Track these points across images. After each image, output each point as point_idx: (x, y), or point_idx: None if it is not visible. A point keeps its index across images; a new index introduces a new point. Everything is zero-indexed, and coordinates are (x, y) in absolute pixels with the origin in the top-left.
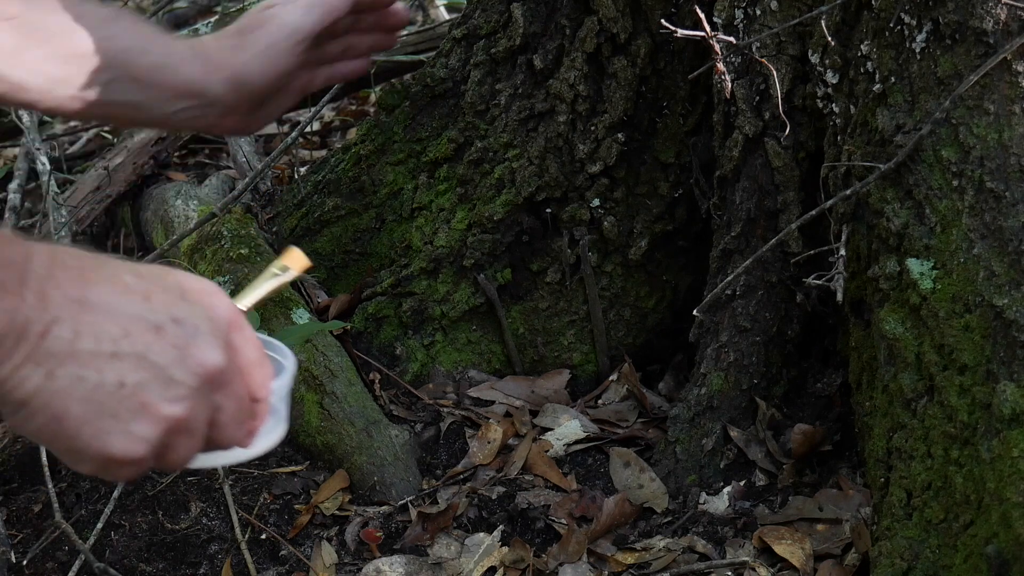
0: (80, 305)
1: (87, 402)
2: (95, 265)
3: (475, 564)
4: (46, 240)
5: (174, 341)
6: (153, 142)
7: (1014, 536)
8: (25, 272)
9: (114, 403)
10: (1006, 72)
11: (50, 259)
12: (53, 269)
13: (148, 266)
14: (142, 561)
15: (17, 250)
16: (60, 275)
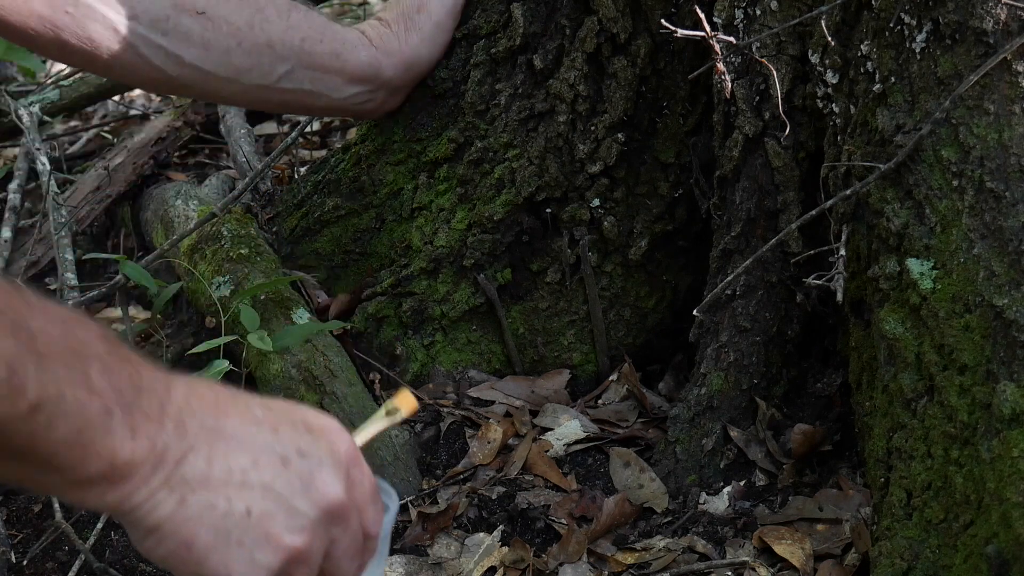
0: (214, 434)
1: (215, 529)
2: (228, 397)
3: (475, 564)
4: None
5: (299, 473)
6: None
7: (1014, 536)
8: (166, 401)
9: (240, 531)
10: (1006, 72)
11: (187, 390)
12: (190, 399)
13: (276, 401)
14: (142, 561)
15: (159, 381)
16: (196, 405)
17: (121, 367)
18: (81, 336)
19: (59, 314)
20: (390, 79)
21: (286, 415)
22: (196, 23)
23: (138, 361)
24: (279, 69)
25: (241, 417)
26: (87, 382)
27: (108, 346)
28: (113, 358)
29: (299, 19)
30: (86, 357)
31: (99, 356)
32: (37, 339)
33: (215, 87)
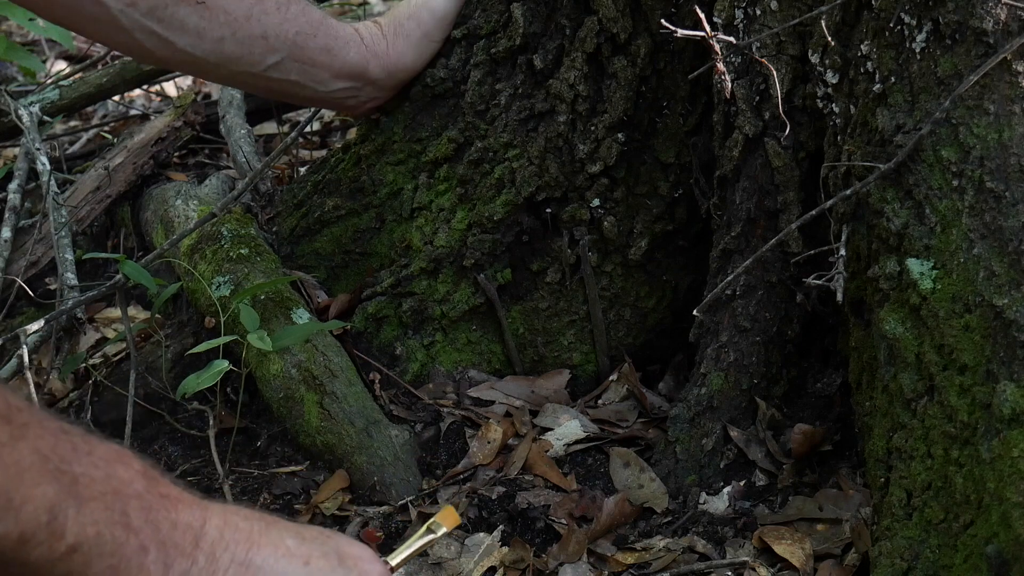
0: (245, 568)
1: None
2: (262, 528)
3: (475, 564)
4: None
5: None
6: (153, 142)
7: (1014, 536)
8: (200, 535)
9: None
10: (1006, 72)
11: (223, 521)
12: (224, 531)
13: (310, 529)
14: None
15: (196, 514)
16: (230, 537)
17: (160, 504)
18: (123, 476)
19: (104, 454)
20: (375, 79)
21: (319, 546)
22: (193, 12)
23: (177, 495)
24: (269, 59)
25: (274, 549)
26: (125, 521)
27: (148, 483)
28: (152, 495)
29: (296, 12)
30: (126, 496)
31: (139, 494)
32: (79, 483)
33: (202, 69)
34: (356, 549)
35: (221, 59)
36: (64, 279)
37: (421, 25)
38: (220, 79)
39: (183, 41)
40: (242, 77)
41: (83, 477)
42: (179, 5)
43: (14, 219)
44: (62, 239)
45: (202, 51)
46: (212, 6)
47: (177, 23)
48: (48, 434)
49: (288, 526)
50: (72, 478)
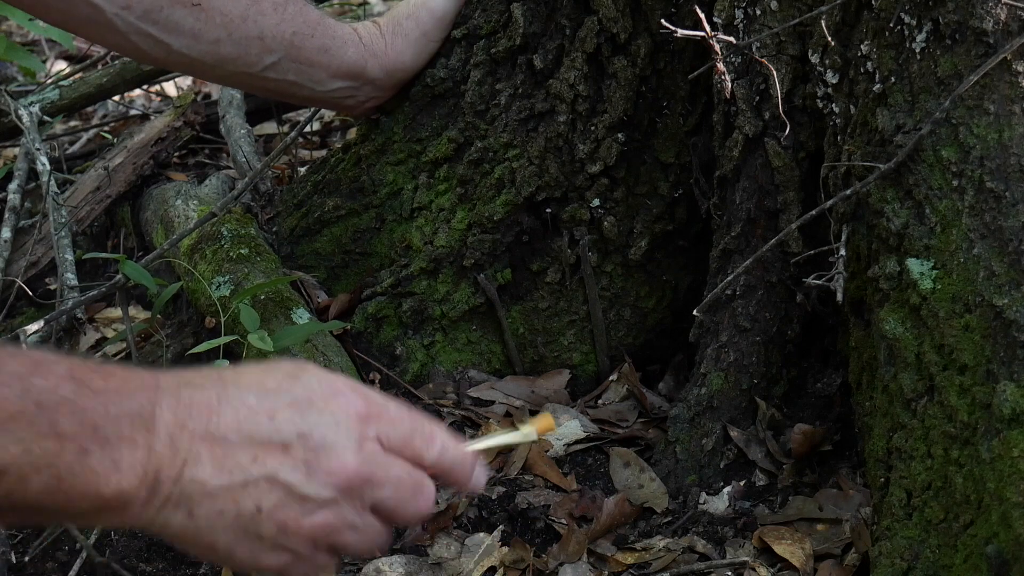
0: (208, 440)
1: (232, 532)
2: (221, 393)
3: (475, 564)
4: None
5: (303, 457)
6: (153, 142)
7: (1014, 536)
8: (151, 420)
9: (255, 527)
10: (1006, 72)
11: (175, 400)
12: (178, 410)
13: (275, 373)
14: (142, 561)
15: (143, 401)
16: (185, 415)
17: (95, 402)
18: (43, 385)
19: (16, 369)
20: (374, 79)
21: (285, 394)
22: (189, 14)
23: (117, 386)
24: (266, 60)
25: (235, 411)
26: (55, 430)
27: (76, 385)
28: (84, 395)
29: (294, 13)
30: (52, 406)
31: (66, 399)
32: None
33: (198, 69)
34: (327, 385)
35: (217, 60)
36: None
37: (420, 25)
38: (217, 79)
39: (179, 43)
40: (239, 77)
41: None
42: (175, 8)
43: (14, 219)
44: (62, 239)
45: (198, 52)
46: (208, 8)
47: (173, 25)
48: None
49: (250, 380)
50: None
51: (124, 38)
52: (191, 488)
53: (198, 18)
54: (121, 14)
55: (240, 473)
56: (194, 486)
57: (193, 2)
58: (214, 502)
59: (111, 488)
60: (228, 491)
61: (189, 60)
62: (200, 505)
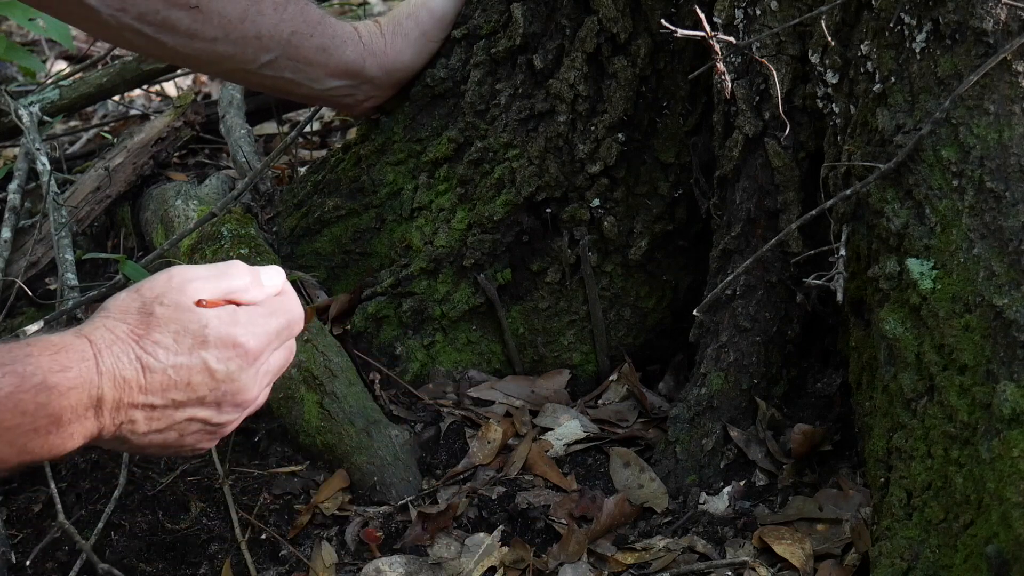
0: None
1: (159, 446)
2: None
3: (475, 564)
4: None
5: (216, 400)
6: (153, 142)
7: (1014, 536)
8: (100, 403)
9: (180, 444)
10: (1006, 72)
11: (112, 381)
12: (116, 388)
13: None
14: (142, 561)
15: (88, 397)
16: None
17: (56, 402)
18: (19, 401)
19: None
20: (372, 78)
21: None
22: (186, 16)
23: (65, 388)
24: (262, 58)
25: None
26: (33, 426)
27: (43, 391)
28: (49, 398)
29: (294, 12)
30: (21, 408)
31: (43, 403)
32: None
33: (194, 65)
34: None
35: (214, 58)
36: (64, 279)
37: (419, 24)
38: (213, 74)
39: (175, 41)
40: (235, 74)
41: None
42: (172, 10)
43: (14, 219)
44: (62, 239)
45: (194, 51)
46: (206, 9)
47: (170, 26)
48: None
49: (166, 345)
50: None
51: (119, 35)
52: (127, 432)
53: (195, 19)
54: (116, 15)
55: (166, 420)
56: (130, 431)
57: (191, 4)
58: (144, 437)
59: (66, 450)
60: (156, 431)
61: (184, 56)
62: (133, 439)
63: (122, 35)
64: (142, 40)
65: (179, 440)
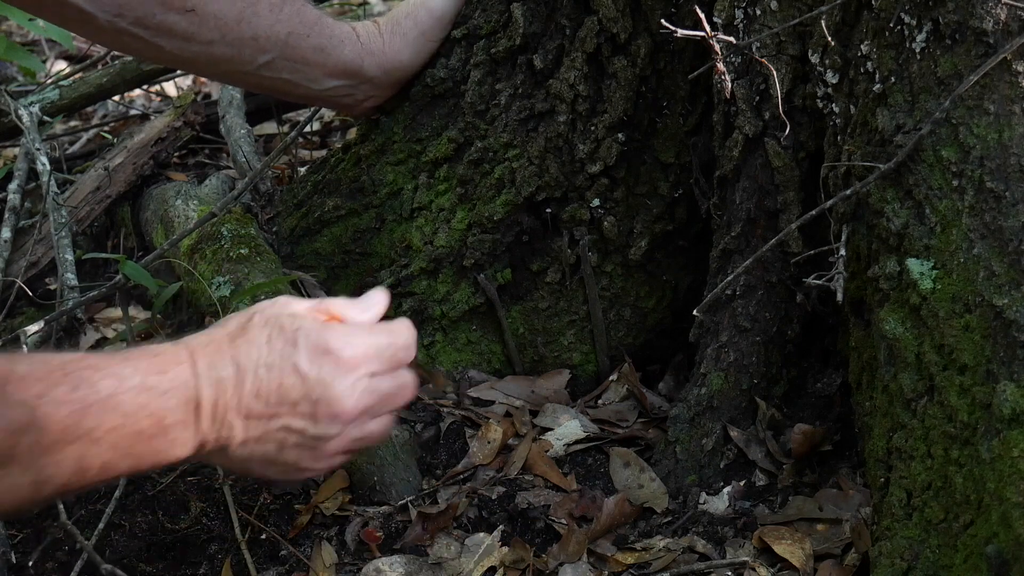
0: (238, 412)
1: (261, 463)
2: (239, 369)
3: (475, 564)
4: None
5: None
6: (153, 142)
7: (1014, 536)
8: (199, 405)
9: (282, 461)
10: (1006, 72)
11: (210, 384)
12: (213, 391)
13: (278, 342)
14: (142, 561)
15: (190, 389)
16: (219, 395)
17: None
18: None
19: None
20: (371, 77)
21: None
22: (182, 19)
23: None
24: (260, 59)
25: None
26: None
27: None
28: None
29: (290, 13)
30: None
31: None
32: (94, 431)
33: (191, 67)
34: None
35: (211, 60)
36: (64, 279)
37: (418, 24)
38: (211, 76)
39: (171, 45)
40: (233, 75)
41: (95, 426)
42: (168, 13)
43: (14, 219)
44: (62, 239)
45: (191, 53)
46: (202, 12)
47: (166, 29)
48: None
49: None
50: (84, 431)
51: (116, 40)
52: (228, 441)
53: (191, 22)
54: (113, 20)
55: (262, 428)
56: (230, 441)
57: (187, 7)
58: (244, 447)
59: (173, 457)
60: (254, 440)
61: (182, 60)
62: (235, 451)
63: (120, 39)
64: (140, 44)
65: (279, 455)
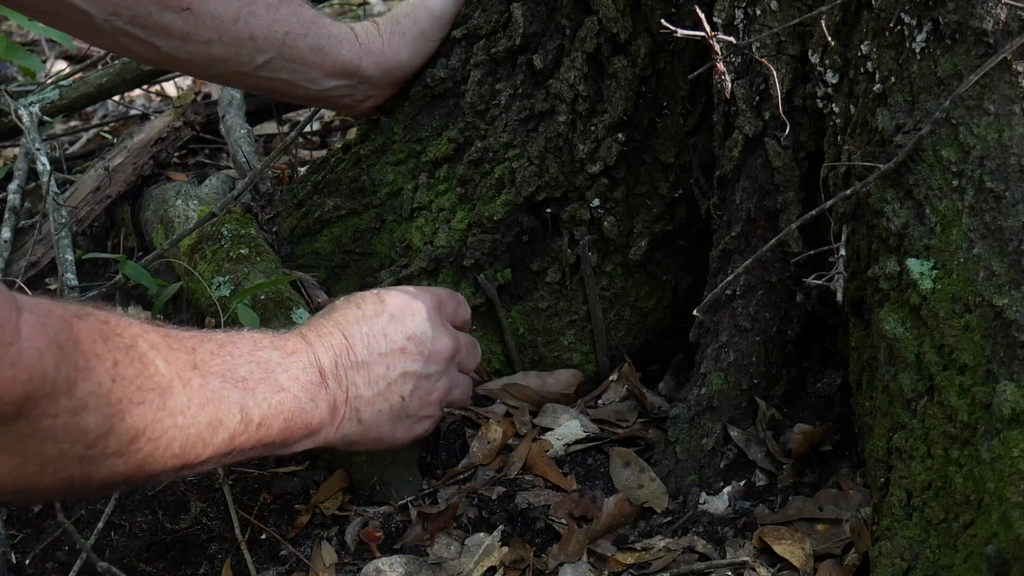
0: (356, 368)
1: (389, 421)
2: (345, 331)
3: (475, 564)
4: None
5: (416, 351)
6: (153, 142)
7: (1014, 536)
8: (322, 369)
9: (404, 410)
10: (1006, 72)
11: (324, 350)
12: (330, 355)
13: (370, 304)
14: (142, 561)
15: (310, 356)
16: (335, 357)
17: (289, 363)
18: (263, 357)
19: (244, 349)
20: (370, 77)
21: (384, 314)
22: (179, 18)
23: (289, 352)
24: (258, 59)
25: (362, 342)
26: (278, 386)
27: (281, 355)
28: (285, 361)
29: (287, 13)
30: (269, 369)
31: (278, 362)
32: (247, 381)
33: (189, 68)
34: (402, 298)
35: (208, 60)
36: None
37: (417, 23)
38: (209, 77)
39: (168, 45)
40: (232, 76)
41: (247, 376)
42: (164, 12)
43: (14, 219)
44: (62, 239)
45: (188, 53)
46: (199, 12)
47: (162, 29)
48: (215, 358)
49: (356, 315)
50: (240, 378)
51: (113, 40)
52: (356, 403)
53: (188, 21)
54: (110, 19)
55: (384, 380)
56: (359, 402)
57: (183, 6)
58: (373, 406)
59: (316, 420)
60: (380, 395)
61: (179, 60)
62: (365, 412)
63: (117, 40)
64: (137, 45)
65: (404, 406)
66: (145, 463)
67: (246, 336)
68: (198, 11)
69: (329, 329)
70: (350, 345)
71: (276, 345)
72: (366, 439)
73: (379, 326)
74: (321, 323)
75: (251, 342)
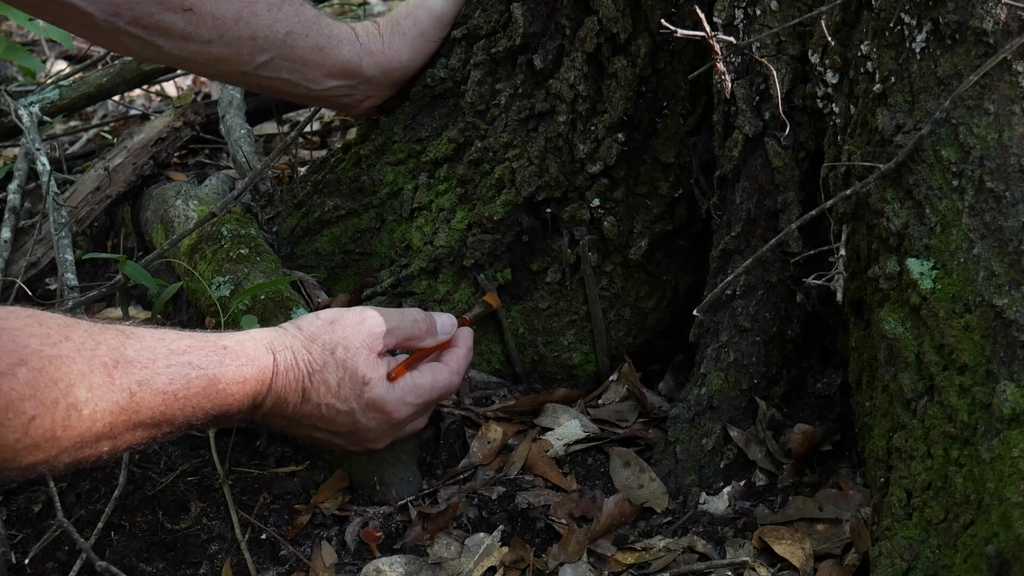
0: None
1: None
2: (304, 394)
3: (475, 564)
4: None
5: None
6: (153, 142)
7: (1014, 536)
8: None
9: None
10: (1006, 72)
11: (274, 398)
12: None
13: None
14: (142, 561)
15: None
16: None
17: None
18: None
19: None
20: (370, 77)
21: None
22: (180, 19)
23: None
24: (258, 59)
25: (312, 411)
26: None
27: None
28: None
29: (289, 13)
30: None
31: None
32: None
33: (190, 67)
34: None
35: (209, 60)
36: (64, 279)
37: (417, 24)
38: (210, 76)
39: (169, 45)
40: (232, 75)
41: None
42: (165, 13)
43: (14, 219)
44: (62, 239)
45: (189, 53)
46: (200, 12)
47: (164, 29)
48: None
49: (328, 387)
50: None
51: (114, 40)
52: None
53: (189, 21)
54: (111, 20)
55: (302, 432)
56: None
57: (184, 7)
58: (276, 428)
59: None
60: (289, 431)
61: (181, 60)
62: (271, 424)
63: (118, 40)
64: (138, 44)
65: (306, 436)
66: None
67: (216, 367)
68: (199, 11)
69: (296, 387)
70: (298, 409)
71: (238, 365)
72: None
73: (333, 414)
74: (297, 374)
75: (209, 380)
